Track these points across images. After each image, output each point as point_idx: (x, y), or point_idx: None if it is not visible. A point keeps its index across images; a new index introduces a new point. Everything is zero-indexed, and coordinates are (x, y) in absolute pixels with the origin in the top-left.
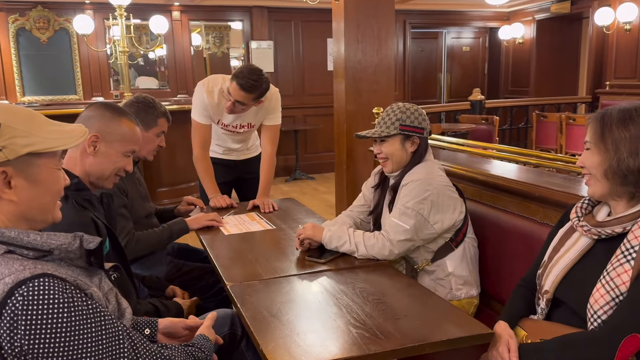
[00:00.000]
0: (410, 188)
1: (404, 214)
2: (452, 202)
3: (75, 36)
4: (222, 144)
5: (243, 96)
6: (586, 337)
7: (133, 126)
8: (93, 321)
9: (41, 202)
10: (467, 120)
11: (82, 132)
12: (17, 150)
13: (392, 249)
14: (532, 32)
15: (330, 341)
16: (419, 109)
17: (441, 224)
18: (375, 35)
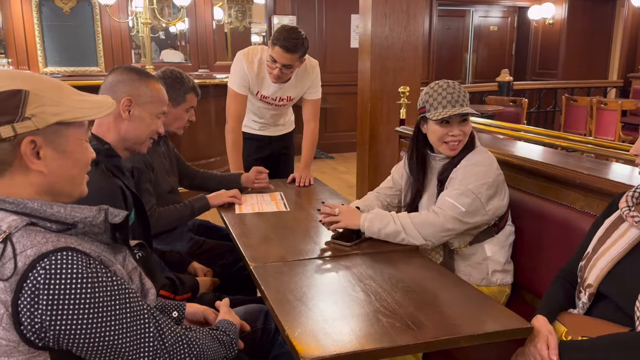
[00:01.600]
0: (475, 171)
1: (463, 194)
2: (504, 189)
3: (98, 7)
4: (259, 119)
5: (289, 58)
6: (636, 338)
7: (160, 87)
8: (117, 298)
9: (70, 173)
10: (494, 102)
11: (110, 103)
12: (47, 119)
13: (445, 223)
14: (563, 12)
15: (359, 330)
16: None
17: (494, 211)
18: (404, 10)
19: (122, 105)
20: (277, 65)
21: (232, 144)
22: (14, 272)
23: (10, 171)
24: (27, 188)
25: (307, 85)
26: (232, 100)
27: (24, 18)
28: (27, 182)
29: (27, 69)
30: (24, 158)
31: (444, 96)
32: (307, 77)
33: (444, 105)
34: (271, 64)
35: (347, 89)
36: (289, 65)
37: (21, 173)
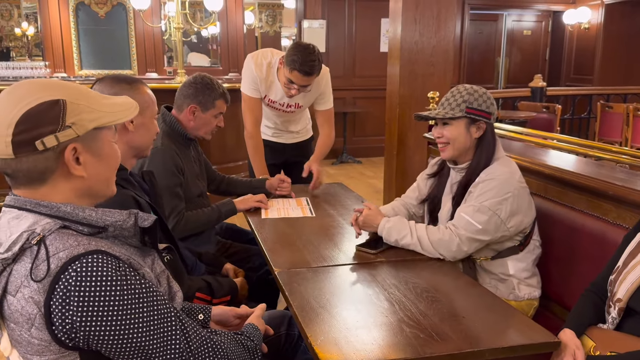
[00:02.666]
0: (491, 186)
1: (479, 211)
2: (528, 204)
3: (132, 11)
4: (272, 125)
5: (308, 80)
6: None
7: (146, 88)
8: (146, 300)
9: (105, 175)
10: (526, 108)
11: (135, 104)
12: (86, 126)
13: (460, 245)
14: (599, 16)
15: (382, 339)
16: (487, 92)
17: (516, 228)
18: (434, 16)
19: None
20: (294, 86)
21: (253, 149)
22: (47, 274)
23: (54, 177)
24: (68, 193)
25: (316, 93)
26: (246, 104)
27: (61, 22)
28: (69, 187)
29: (63, 72)
30: (67, 164)
31: (445, 98)
32: (317, 84)
33: (439, 105)
34: (288, 85)
35: (376, 93)
36: (306, 86)
37: (64, 179)
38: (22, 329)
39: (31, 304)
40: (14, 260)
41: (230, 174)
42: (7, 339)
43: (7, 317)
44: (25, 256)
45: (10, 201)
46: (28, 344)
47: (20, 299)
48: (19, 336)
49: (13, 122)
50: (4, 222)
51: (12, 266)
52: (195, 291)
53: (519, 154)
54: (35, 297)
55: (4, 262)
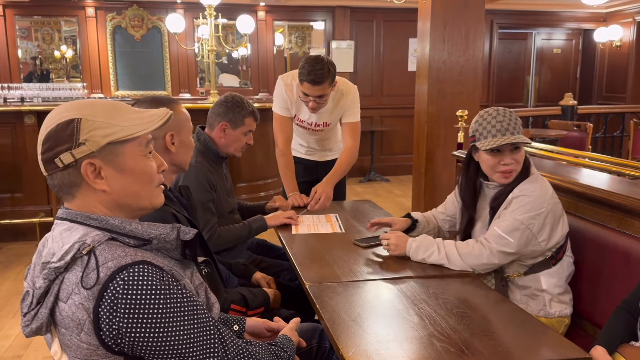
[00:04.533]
0: (525, 201)
1: (512, 226)
2: (561, 220)
3: (167, 34)
4: (304, 143)
5: (318, 89)
6: None
7: (182, 107)
8: (187, 310)
9: (133, 190)
10: (557, 127)
11: (162, 114)
12: (98, 142)
13: (491, 257)
14: (631, 34)
15: (413, 353)
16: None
17: (547, 242)
18: (463, 35)
19: (167, 142)
20: (309, 98)
21: (284, 167)
22: (96, 282)
23: (81, 192)
24: (97, 205)
25: (343, 109)
26: (277, 123)
27: (98, 45)
28: (96, 200)
29: (100, 93)
30: (86, 179)
31: (493, 125)
32: (343, 100)
33: (494, 134)
34: (304, 98)
35: (403, 112)
36: (321, 95)
37: (90, 192)
38: (72, 334)
39: (81, 310)
40: (65, 269)
41: (260, 192)
42: (57, 344)
43: (59, 323)
44: (76, 265)
45: (62, 214)
46: (77, 349)
47: (72, 305)
48: (69, 341)
49: (40, 142)
50: (57, 233)
51: (64, 275)
52: (230, 303)
53: (550, 172)
54: (85, 303)
55: (56, 271)
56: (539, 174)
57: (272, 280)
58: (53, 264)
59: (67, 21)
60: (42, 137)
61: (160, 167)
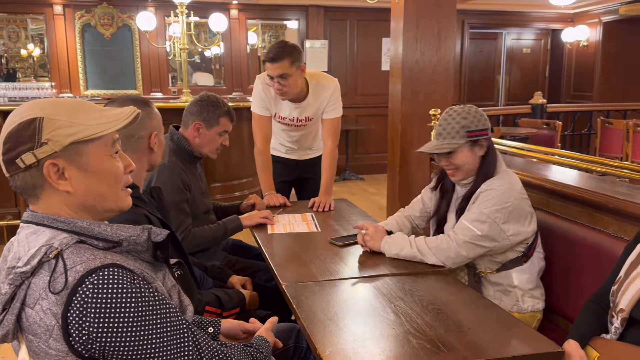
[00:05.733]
0: (492, 195)
1: (478, 219)
2: (528, 215)
3: (137, 33)
4: (285, 142)
5: (278, 67)
6: None
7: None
8: (159, 313)
9: (98, 191)
10: (527, 125)
11: (128, 113)
12: (61, 141)
13: (458, 249)
14: (597, 34)
15: (389, 350)
16: (478, 109)
17: (516, 236)
18: (435, 35)
19: (152, 142)
20: (275, 80)
21: (261, 166)
22: (64, 286)
23: (44, 193)
24: (62, 207)
25: (324, 103)
26: (256, 123)
27: (67, 44)
28: (60, 201)
29: (69, 92)
30: (49, 180)
31: (441, 127)
32: (324, 94)
33: (435, 136)
34: (271, 82)
35: (378, 111)
36: (283, 74)
37: (54, 194)
38: (40, 340)
39: (49, 315)
40: (32, 274)
41: (235, 192)
42: (25, 351)
43: (26, 329)
44: (43, 269)
45: (27, 217)
46: (46, 355)
47: (39, 311)
48: (37, 347)
49: (1, 142)
50: (22, 237)
51: (31, 279)
52: (204, 305)
53: (521, 169)
54: (53, 309)
55: (22, 276)
56: (510, 171)
57: (249, 281)
58: (19, 269)
59: (33, 19)
60: (3, 137)
61: (127, 167)
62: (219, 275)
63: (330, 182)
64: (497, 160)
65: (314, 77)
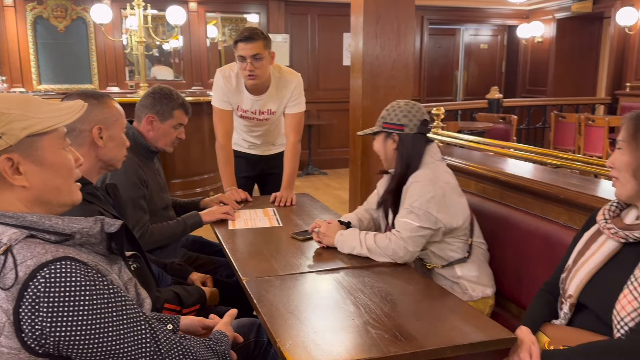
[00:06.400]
0: (415, 188)
1: (412, 212)
2: (458, 202)
3: (92, 25)
4: (247, 138)
5: (252, 47)
6: (613, 346)
7: (114, 102)
8: (114, 306)
9: (54, 184)
10: (484, 119)
11: (80, 106)
12: (17, 135)
13: (406, 246)
14: (551, 31)
15: (349, 341)
16: (408, 106)
17: (449, 220)
18: (394, 30)
19: (95, 136)
20: (247, 61)
21: (223, 161)
22: (15, 282)
23: None
24: (15, 203)
25: (286, 97)
26: (217, 117)
27: (18, 36)
28: (14, 197)
29: (21, 87)
30: (4, 175)
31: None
32: (287, 87)
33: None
34: (242, 65)
35: (339, 106)
36: (257, 54)
37: (7, 189)
38: None
39: (0, 312)
40: None
41: (195, 188)
42: None
43: None
44: None
45: None
46: None
47: None
48: None
49: None
50: None
51: None
52: (163, 302)
53: (478, 162)
54: (3, 305)
55: None
56: (439, 163)
57: (209, 278)
58: None
59: None
60: None
61: (77, 161)
62: (179, 273)
63: (292, 176)
64: (419, 154)
65: (277, 70)
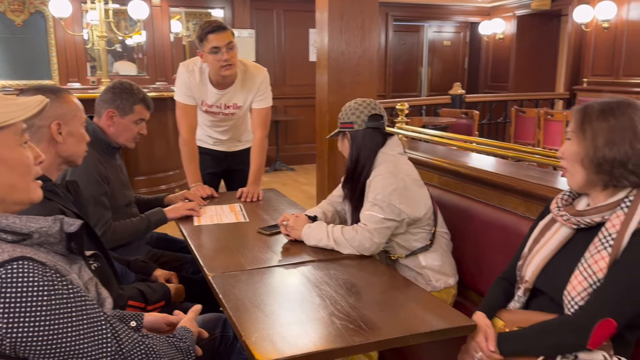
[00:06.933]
0: (377, 181)
1: (375, 205)
2: (420, 193)
3: (52, 20)
4: (212, 135)
5: (224, 35)
6: (561, 322)
7: (72, 96)
8: (74, 305)
9: (9, 181)
10: (447, 114)
11: (37, 101)
12: None
13: (372, 237)
14: (512, 27)
15: (314, 332)
16: (356, 104)
17: (412, 211)
18: (359, 27)
19: (53, 132)
20: (222, 50)
21: (187, 157)
22: None
23: None
24: None
25: (253, 91)
26: (180, 112)
27: None
28: None
29: None
30: None
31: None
32: (253, 81)
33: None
34: (216, 56)
35: (306, 102)
36: (229, 42)
37: None
38: None
39: None
40: None
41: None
42: None
43: None
44: None
45: None
46: None
47: None
48: None
49: None
50: None
51: None
52: (127, 300)
53: (442, 157)
54: None
55: None
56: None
57: (174, 275)
58: None
59: None
60: None
61: (37, 158)
62: (143, 270)
63: (259, 171)
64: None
65: (243, 64)
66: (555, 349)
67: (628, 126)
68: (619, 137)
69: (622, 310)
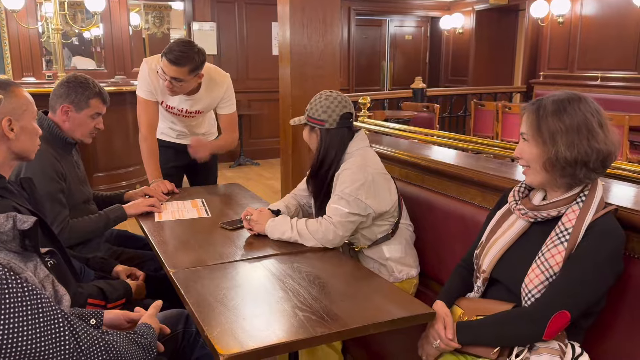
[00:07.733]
0: (345, 175)
1: (342, 198)
2: (387, 187)
3: (4, 12)
4: (175, 128)
5: (176, 71)
6: (519, 313)
7: (22, 90)
8: (29, 304)
9: None
10: (409, 108)
11: None
12: None
13: (336, 230)
14: (471, 22)
15: (277, 324)
16: (328, 100)
17: (378, 205)
18: (320, 20)
19: (4, 128)
20: (166, 77)
21: (147, 153)
22: None
23: None
24: None
25: (217, 99)
26: (141, 107)
27: None
28: None
29: None
30: None
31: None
32: (217, 90)
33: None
34: (162, 75)
35: (270, 96)
36: (178, 78)
37: None
38: None
39: None
40: None
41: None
42: None
43: None
44: None
45: None
46: None
47: None
48: None
49: None
50: None
51: None
52: (86, 298)
53: (404, 150)
54: None
55: None
56: (368, 149)
57: (135, 270)
58: None
59: None
60: None
61: None
62: (102, 267)
63: (217, 143)
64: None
65: (206, 71)
66: (511, 339)
67: (583, 124)
68: (577, 137)
69: (576, 302)
